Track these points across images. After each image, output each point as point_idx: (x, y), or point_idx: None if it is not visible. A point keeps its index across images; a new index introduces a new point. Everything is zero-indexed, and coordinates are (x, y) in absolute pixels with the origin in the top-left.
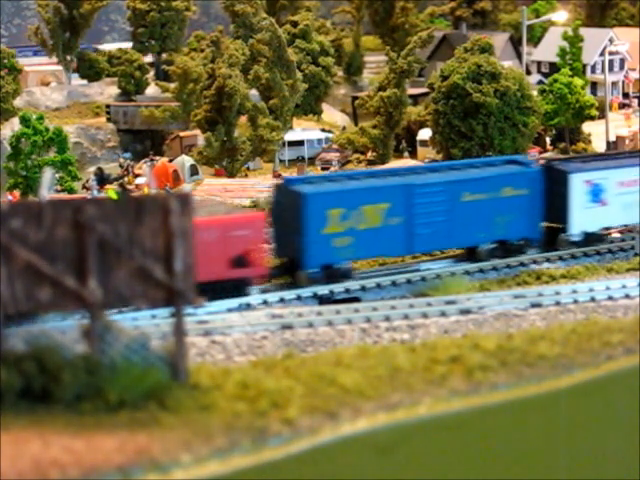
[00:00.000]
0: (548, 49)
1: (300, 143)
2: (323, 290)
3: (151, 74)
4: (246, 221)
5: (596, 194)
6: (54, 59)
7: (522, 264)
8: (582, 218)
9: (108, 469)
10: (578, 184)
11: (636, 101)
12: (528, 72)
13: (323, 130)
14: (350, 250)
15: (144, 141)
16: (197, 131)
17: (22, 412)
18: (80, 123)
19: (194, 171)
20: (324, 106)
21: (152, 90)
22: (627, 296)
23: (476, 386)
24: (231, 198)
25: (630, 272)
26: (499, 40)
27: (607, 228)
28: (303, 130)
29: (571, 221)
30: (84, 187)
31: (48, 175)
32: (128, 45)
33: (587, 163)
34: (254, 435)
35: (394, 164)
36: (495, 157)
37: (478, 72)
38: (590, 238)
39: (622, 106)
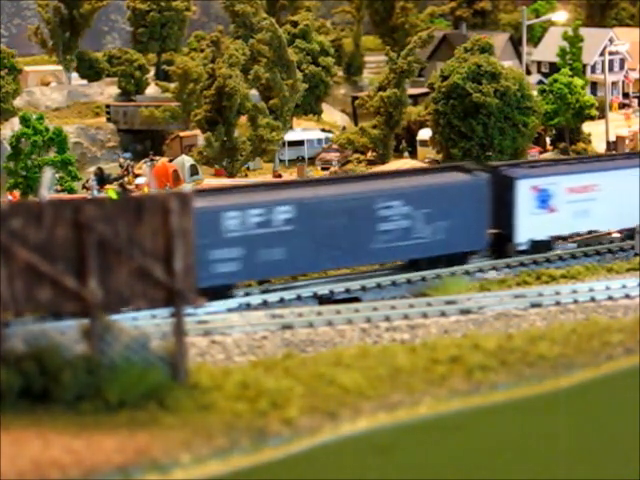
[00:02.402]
0: (548, 49)
1: (300, 143)
2: (323, 290)
3: (151, 74)
4: None
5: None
6: None
7: (522, 264)
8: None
9: (108, 469)
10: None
11: (636, 101)
12: (528, 72)
13: (323, 130)
14: None
15: (144, 141)
16: (197, 131)
17: (22, 412)
18: (80, 123)
19: (194, 171)
20: (324, 106)
21: (152, 90)
22: (627, 296)
23: (476, 386)
24: None
25: (630, 272)
26: (499, 40)
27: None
28: (303, 130)
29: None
30: (84, 187)
31: (48, 175)
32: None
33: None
34: (254, 435)
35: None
36: None
37: (478, 72)
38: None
39: (622, 106)
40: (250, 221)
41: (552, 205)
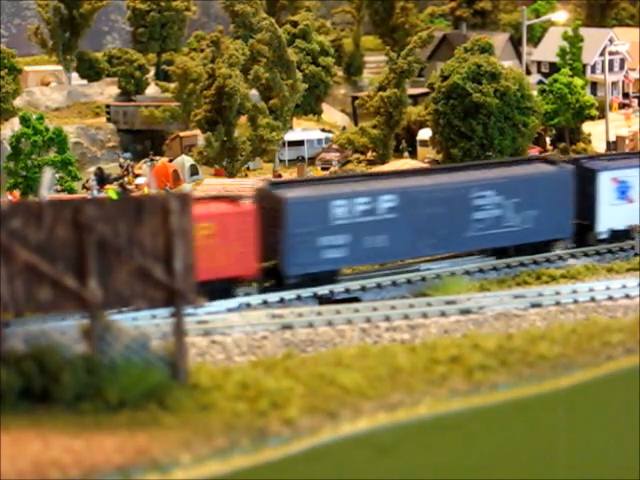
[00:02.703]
0: (548, 49)
1: (300, 143)
2: (323, 290)
3: (151, 74)
4: None
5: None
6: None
7: (522, 264)
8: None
9: (108, 469)
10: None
11: (636, 101)
12: (528, 72)
13: (323, 130)
14: None
15: (144, 141)
16: (197, 131)
17: (22, 412)
18: (80, 123)
19: (194, 171)
20: (324, 106)
21: (152, 90)
22: (627, 296)
23: (476, 386)
24: None
25: (630, 272)
26: (499, 40)
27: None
28: (303, 130)
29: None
30: (84, 187)
31: (48, 175)
32: None
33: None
34: (254, 435)
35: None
36: None
37: (478, 72)
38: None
39: (622, 106)
40: (356, 209)
41: (630, 196)
